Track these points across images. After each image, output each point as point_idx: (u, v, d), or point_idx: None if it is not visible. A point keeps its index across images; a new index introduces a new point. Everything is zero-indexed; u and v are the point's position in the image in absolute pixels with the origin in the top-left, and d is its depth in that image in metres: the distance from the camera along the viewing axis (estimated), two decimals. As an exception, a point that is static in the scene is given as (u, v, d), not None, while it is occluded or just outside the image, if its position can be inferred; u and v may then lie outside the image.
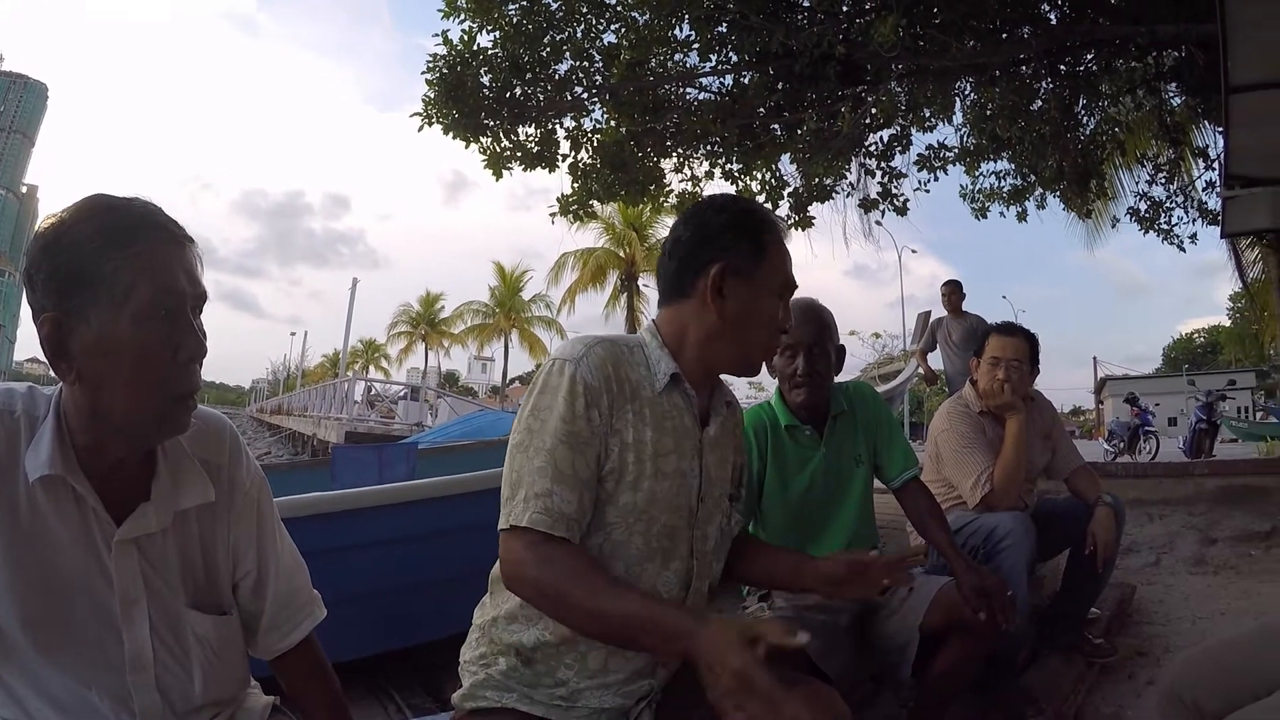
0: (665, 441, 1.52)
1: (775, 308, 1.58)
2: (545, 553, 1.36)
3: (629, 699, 1.54)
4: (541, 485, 1.38)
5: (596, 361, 1.47)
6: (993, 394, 3.29)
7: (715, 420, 1.63)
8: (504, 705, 1.52)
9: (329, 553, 3.55)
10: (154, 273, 1.16)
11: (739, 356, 1.59)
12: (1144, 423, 15.87)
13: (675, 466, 1.52)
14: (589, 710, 1.51)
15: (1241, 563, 5.32)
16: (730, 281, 1.53)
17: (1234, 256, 11.13)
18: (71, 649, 1.23)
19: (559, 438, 1.41)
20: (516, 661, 1.53)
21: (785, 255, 1.60)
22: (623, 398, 1.48)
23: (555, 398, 1.44)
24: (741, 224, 1.57)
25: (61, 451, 1.19)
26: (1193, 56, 7.69)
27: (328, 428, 24.03)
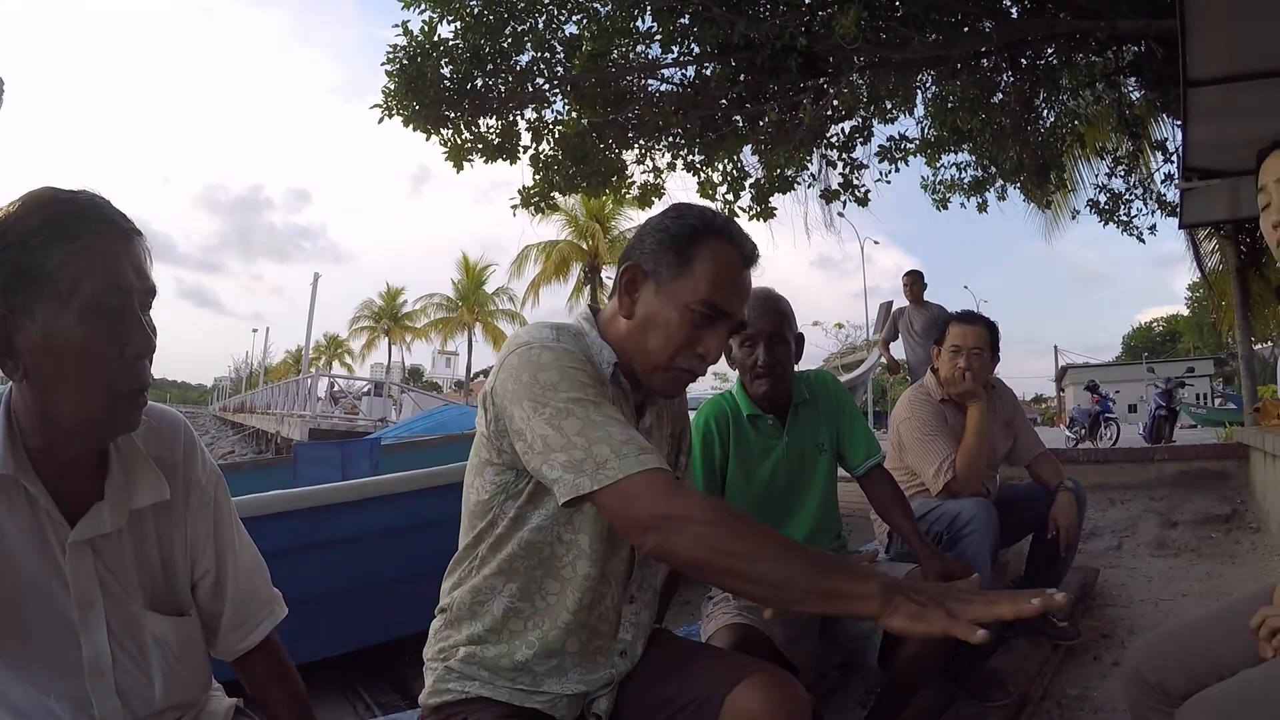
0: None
1: (684, 327, 1.47)
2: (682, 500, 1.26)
3: (591, 685, 1.54)
4: (621, 434, 1.31)
5: (571, 343, 1.46)
6: (954, 382, 3.31)
7: (651, 411, 1.61)
8: (469, 694, 1.52)
9: (292, 551, 3.53)
10: (100, 267, 1.13)
11: (643, 364, 1.52)
12: (1104, 410, 16.08)
13: None
14: (550, 695, 1.52)
15: (1202, 545, 5.41)
16: (643, 284, 1.50)
17: (1192, 247, 11.29)
18: (29, 655, 1.19)
19: (597, 396, 1.37)
20: (475, 649, 1.53)
21: (718, 280, 1.48)
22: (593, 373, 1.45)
23: (565, 369, 1.39)
24: (679, 233, 1.50)
25: (12, 451, 1.16)
26: (1152, 51, 7.79)
27: (291, 425, 23.77)
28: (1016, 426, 3.60)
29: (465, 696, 1.52)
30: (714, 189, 9.13)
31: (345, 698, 3.76)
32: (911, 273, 8.71)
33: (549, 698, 1.52)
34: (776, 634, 2.28)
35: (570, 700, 1.53)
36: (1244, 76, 4.85)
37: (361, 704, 3.71)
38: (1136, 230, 10.03)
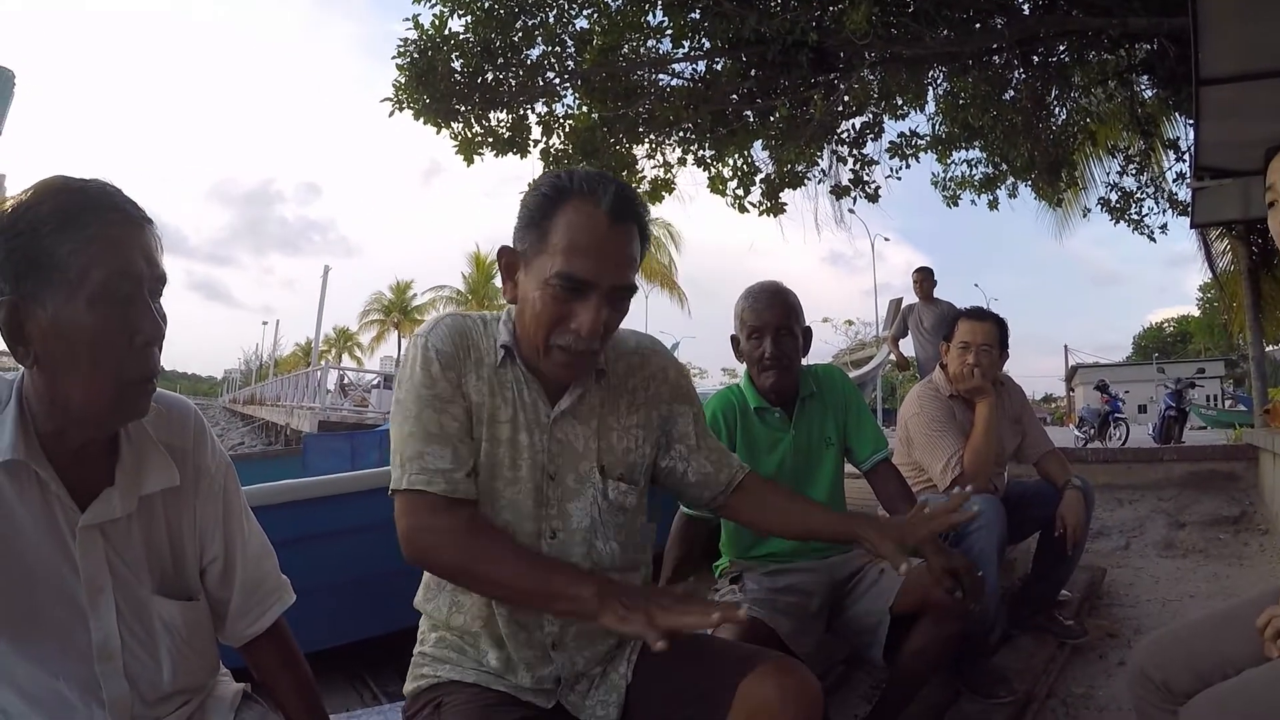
0: (502, 410, 1.51)
1: (549, 304, 1.41)
2: (432, 518, 1.42)
3: (544, 683, 1.55)
4: (412, 449, 1.43)
5: (444, 331, 1.50)
6: (963, 378, 3.30)
7: (572, 393, 1.55)
8: (441, 677, 1.55)
9: (301, 540, 3.53)
10: (109, 255, 1.14)
11: (528, 350, 1.50)
12: (1114, 410, 16.06)
13: (510, 436, 1.51)
14: (515, 686, 1.54)
15: (1210, 546, 5.39)
16: (519, 267, 1.48)
17: (1204, 247, 11.22)
18: (39, 639, 1.20)
19: (422, 403, 1.45)
20: (445, 633, 1.58)
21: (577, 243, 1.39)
22: (469, 363, 1.50)
23: (414, 369, 1.47)
24: (534, 206, 1.45)
25: (24, 436, 1.17)
26: (1164, 49, 7.75)
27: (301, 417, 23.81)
28: (1025, 424, 3.59)
29: (438, 680, 1.55)
30: (724, 184, 9.12)
31: (352, 686, 3.78)
32: (921, 269, 8.69)
33: (514, 688, 1.53)
34: (782, 627, 2.29)
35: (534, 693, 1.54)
36: (1256, 75, 4.83)
37: (368, 693, 3.72)
38: (1148, 229, 9.99)
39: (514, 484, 1.51)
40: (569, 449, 1.55)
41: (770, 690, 1.36)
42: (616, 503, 1.59)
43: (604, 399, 1.61)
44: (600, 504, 1.57)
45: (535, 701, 1.54)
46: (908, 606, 2.31)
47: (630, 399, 1.65)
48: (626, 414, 1.64)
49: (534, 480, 1.52)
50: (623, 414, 1.64)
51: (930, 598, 2.25)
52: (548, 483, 1.53)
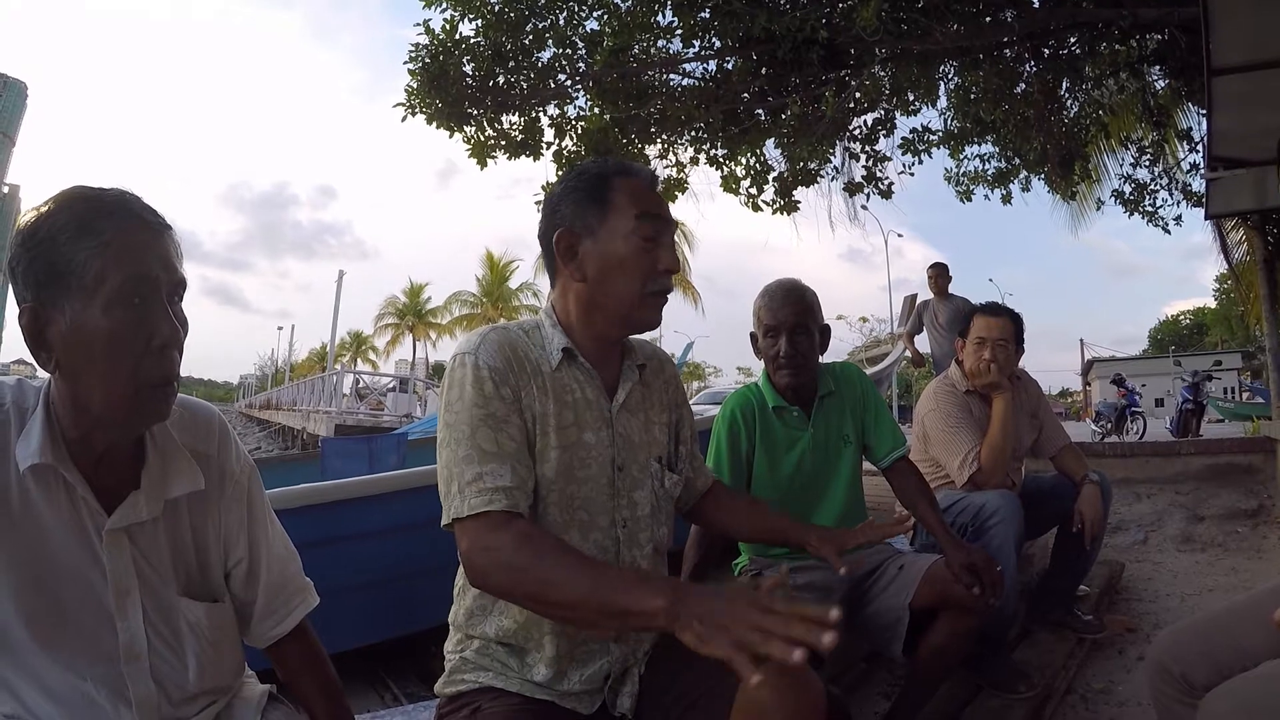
0: (566, 414, 1.54)
1: (636, 253, 1.53)
2: (496, 537, 1.36)
3: (592, 683, 1.56)
4: (471, 471, 1.40)
5: (493, 347, 1.51)
6: (979, 374, 3.30)
7: (624, 387, 1.64)
8: (481, 684, 1.55)
9: (322, 544, 3.56)
10: (125, 260, 1.16)
11: (619, 313, 1.57)
12: (1131, 403, 15.97)
13: (578, 439, 1.55)
14: (561, 691, 1.54)
15: (1228, 540, 5.37)
16: (580, 244, 1.56)
17: (1219, 238, 11.12)
18: (68, 641, 1.22)
19: (477, 422, 1.44)
20: (488, 642, 1.57)
21: (637, 193, 1.56)
22: (525, 375, 1.52)
23: (464, 389, 1.46)
24: (576, 187, 1.57)
25: (51, 441, 1.20)
26: (1175, 39, 7.70)
27: (317, 421, 23.95)
28: (1042, 418, 3.59)
29: (478, 686, 1.55)
30: (737, 183, 9.10)
31: (373, 688, 3.81)
32: (936, 265, 8.67)
33: (560, 693, 1.54)
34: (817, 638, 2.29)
35: (578, 697, 1.55)
36: (1269, 64, 4.79)
37: (389, 694, 3.75)
38: (1162, 221, 9.92)
39: (587, 482, 1.55)
40: (629, 441, 1.62)
41: (768, 694, 1.36)
42: (669, 490, 1.70)
43: (644, 395, 1.70)
44: (658, 492, 1.66)
45: (578, 708, 1.55)
46: (927, 602, 2.32)
47: (659, 397, 1.75)
48: (659, 410, 1.74)
49: (606, 474, 1.58)
50: (656, 410, 1.73)
51: (949, 593, 2.26)
52: (617, 474, 1.59)
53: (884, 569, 2.50)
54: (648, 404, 1.71)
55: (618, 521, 1.59)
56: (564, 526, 1.52)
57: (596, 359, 1.60)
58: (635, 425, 1.65)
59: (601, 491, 1.57)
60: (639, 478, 1.63)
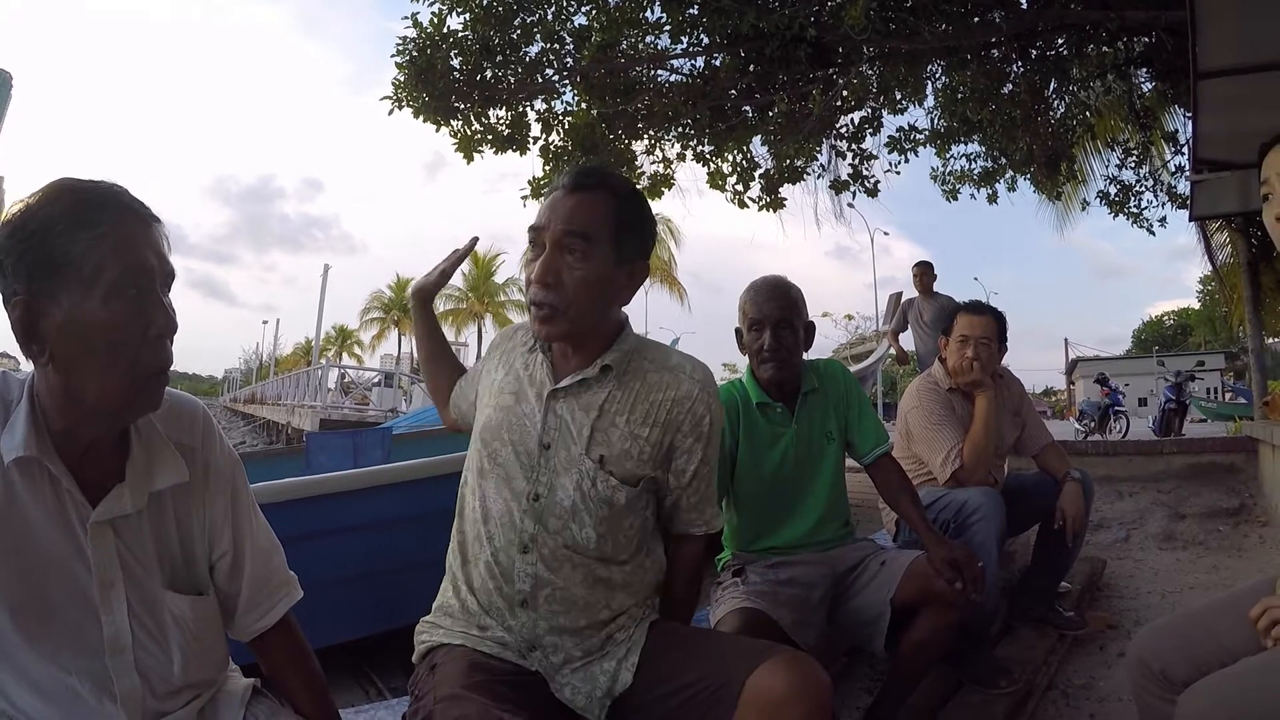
0: (509, 382, 1.76)
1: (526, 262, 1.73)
2: None
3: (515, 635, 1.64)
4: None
5: (506, 332, 1.92)
6: (962, 371, 3.32)
7: (572, 376, 1.68)
8: (436, 642, 1.67)
9: (306, 538, 3.56)
10: (122, 251, 1.17)
11: None
12: (1114, 403, 16.06)
13: (509, 404, 1.72)
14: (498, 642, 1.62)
15: (1209, 538, 5.41)
16: None
17: (1203, 240, 11.20)
18: (52, 634, 1.22)
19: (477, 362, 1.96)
20: (442, 600, 1.75)
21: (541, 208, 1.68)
22: (501, 351, 1.86)
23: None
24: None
25: (36, 434, 1.20)
26: (1162, 42, 7.76)
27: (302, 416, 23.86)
28: (1024, 416, 3.60)
29: (433, 645, 1.66)
30: (724, 180, 9.12)
31: (357, 682, 3.81)
32: (921, 264, 8.69)
33: (498, 646, 1.62)
34: (784, 619, 2.30)
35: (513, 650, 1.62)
36: (1254, 68, 4.83)
37: (374, 688, 3.75)
38: (1147, 222, 10.00)
39: (510, 445, 1.68)
40: (564, 427, 1.66)
41: (780, 684, 1.37)
42: (603, 494, 1.65)
43: (614, 395, 1.68)
44: (586, 489, 1.64)
45: (521, 662, 1.61)
46: (909, 598, 2.32)
47: (649, 410, 1.69)
48: (640, 422, 1.68)
49: (530, 446, 1.66)
50: (636, 419, 1.68)
51: (931, 589, 2.27)
52: (541, 451, 1.65)
53: (866, 565, 2.51)
54: (617, 406, 1.67)
55: (529, 493, 1.64)
56: (486, 473, 1.69)
57: (559, 349, 1.73)
58: (578, 417, 1.66)
59: (522, 459, 1.66)
60: (565, 465, 1.64)
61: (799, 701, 1.36)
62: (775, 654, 1.45)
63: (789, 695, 1.36)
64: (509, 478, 1.65)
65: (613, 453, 1.66)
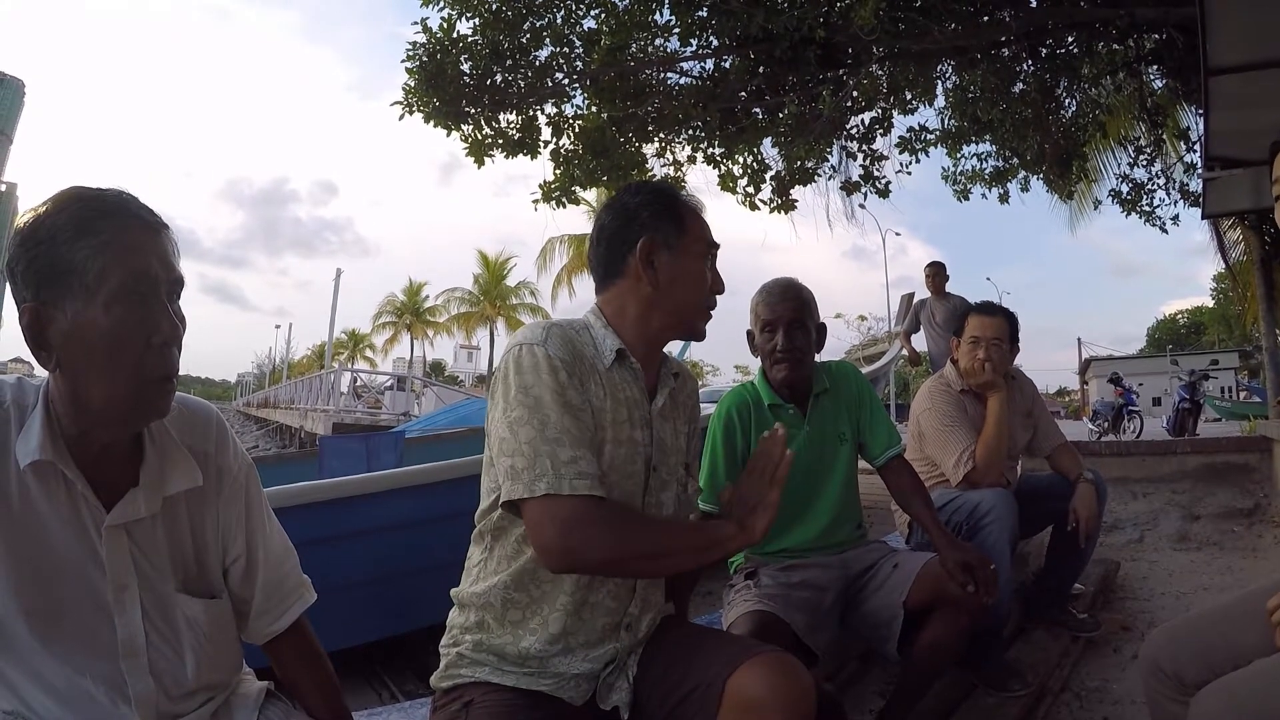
0: (620, 411, 1.59)
1: (703, 270, 1.68)
2: (594, 513, 1.41)
3: (596, 663, 1.59)
4: (566, 453, 1.42)
5: (559, 341, 1.53)
6: (974, 373, 3.31)
7: (662, 392, 1.70)
8: (476, 679, 1.57)
9: (319, 542, 3.56)
10: (125, 258, 1.17)
11: (677, 321, 1.68)
12: (1128, 402, 15.94)
13: (628, 435, 1.59)
14: (557, 676, 1.56)
15: (1224, 539, 5.38)
16: (658, 253, 1.64)
17: (1216, 238, 11.15)
18: (67, 637, 1.23)
19: (560, 407, 1.45)
20: (483, 636, 1.59)
21: (703, 223, 1.71)
22: (585, 369, 1.55)
23: (539, 375, 1.47)
24: (658, 201, 1.67)
25: (50, 438, 1.20)
26: (1173, 39, 7.71)
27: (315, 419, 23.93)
28: (1036, 417, 3.59)
29: (472, 680, 1.57)
30: (734, 182, 9.10)
31: (370, 685, 3.81)
32: (933, 264, 8.68)
33: (554, 680, 1.56)
34: (797, 621, 2.30)
35: (576, 680, 1.57)
36: (1265, 64, 4.81)
37: (386, 691, 3.76)
38: (1159, 220, 9.93)
39: (631, 477, 1.60)
40: (662, 443, 1.67)
41: (759, 686, 1.36)
42: (690, 497, 1.76)
43: (675, 403, 1.75)
44: (682, 496, 1.72)
45: (573, 697, 1.57)
46: (921, 601, 2.32)
47: (683, 408, 1.81)
48: (683, 420, 1.80)
49: (642, 472, 1.63)
50: (681, 419, 1.79)
51: (944, 592, 2.27)
52: (651, 474, 1.64)
53: (879, 567, 2.51)
54: (675, 412, 1.76)
55: None
56: None
57: (643, 361, 1.66)
58: (668, 430, 1.71)
59: (638, 487, 1.62)
60: (668, 480, 1.68)
61: (778, 705, 1.35)
62: (757, 654, 1.45)
63: (768, 698, 1.35)
64: None
65: (684, 456, 1.77)
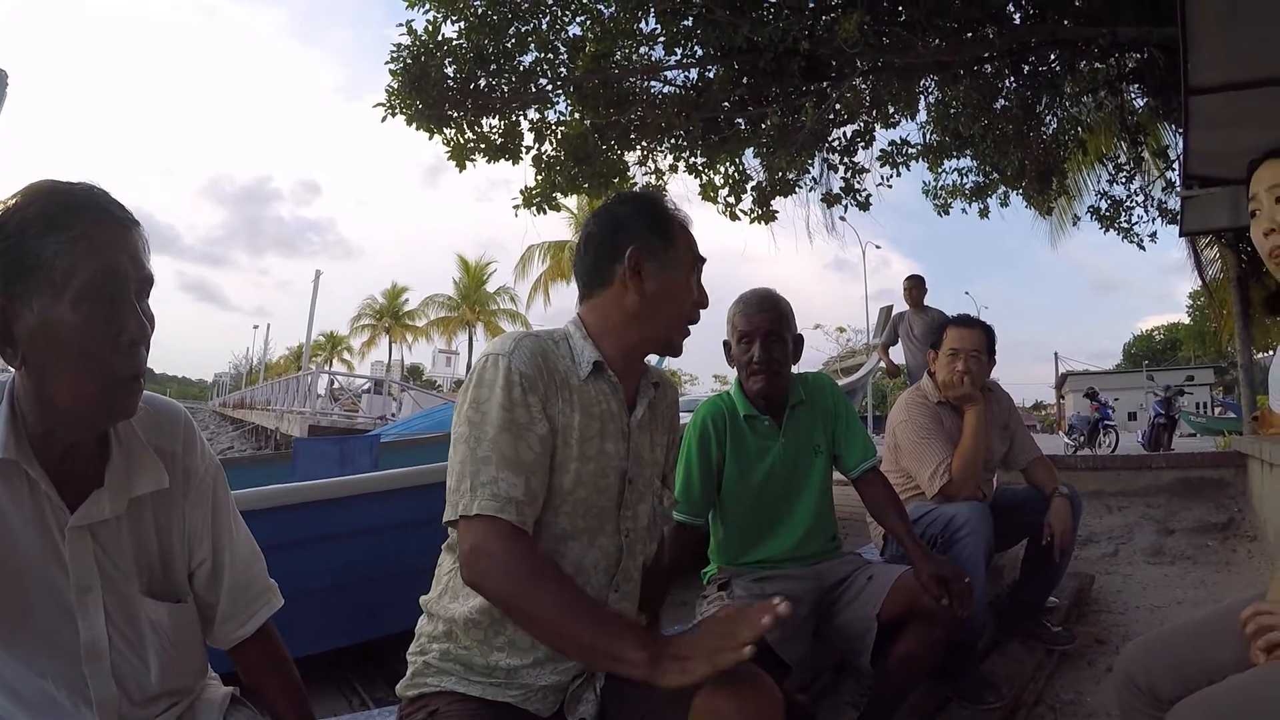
0: (591, 426, 1.57)
1: (689, 283, 1.67)
2: (499, 544, 1.37)
3: (565, 675, 1.57)
4: (488, 474, 1.41)
5: (527, 354, 1.52)
6: (952, 385, 3.32)
7: (642, 403, 1.69)
8: (443, 688, 1.55)
9: (290, 546, 3.52)
10: (94, 255, 1.15)
11: (660, 334, 1.66)
12: (1104, 417, 16.09)
13: (599, 449, 1.57)
14: (524, 687, 1.54)
15: (1198, 553, 5.41)
16: (645, 263, 1.61)
17: (1193, 255, 11.26)
18: (28, 638, 1.21)
19: (500, 426, 1.45)
20: (450, 645, 1.56)
21: (691, 236, 1.70)
22: (553, 386, 1.54)
23: (493, 389, 1.47)
24: (647, 212, 1.66)
25: (14, 436, 1.18)
26: (1154, 58, 7.80)
27: (290, 421, 23.76)
28: (1013, 430, 3.60)
29: (438, 690, 1.55)
30: (716, 192, 9.12)
31: (340, 692, 3.77)
32: (912, 277, 8.73)
33: (522, 691, 1.54)
34: (770, 634, 2.28)
35: (544, 692, 1.55)
36: (1245, 85, 4.85)
37: (356, 698, 3.72)
38: (1137, 237, 10.03)
39: (604, 491, 1.59)
40: (639, 455, 1.66)
41: (724, 701, 1.35)
42: (665, 508, 1.75)
43: (652, 414, 1.74)
44: (655, 507, 1.70)
45: (540, 709, 1.55)
46: (895, 613, 2.32)
47: (663, 418, 1.80)
48: (661, 431, 1.79)
49: (617, 485, 1.62)
50: (659, 430, 1.78)
51: (918, 605, 2.26)
52: (627, 486, 1.63)
53: (853, 579, 2.50)
54: (654, 423, 1.75)
55: (622, 531, 1.62)
56: (573, 534, 1.55)
57: (622, 373, 1.64)
58: (645, 441, 1.70)
59: (611, 502, 1.60)
60: (643, 492, 1.67)
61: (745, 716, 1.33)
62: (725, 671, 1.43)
63: (733, 713, 1.34)
64: (601, 524, 1.60)
65: (660, 467, 1.76)
